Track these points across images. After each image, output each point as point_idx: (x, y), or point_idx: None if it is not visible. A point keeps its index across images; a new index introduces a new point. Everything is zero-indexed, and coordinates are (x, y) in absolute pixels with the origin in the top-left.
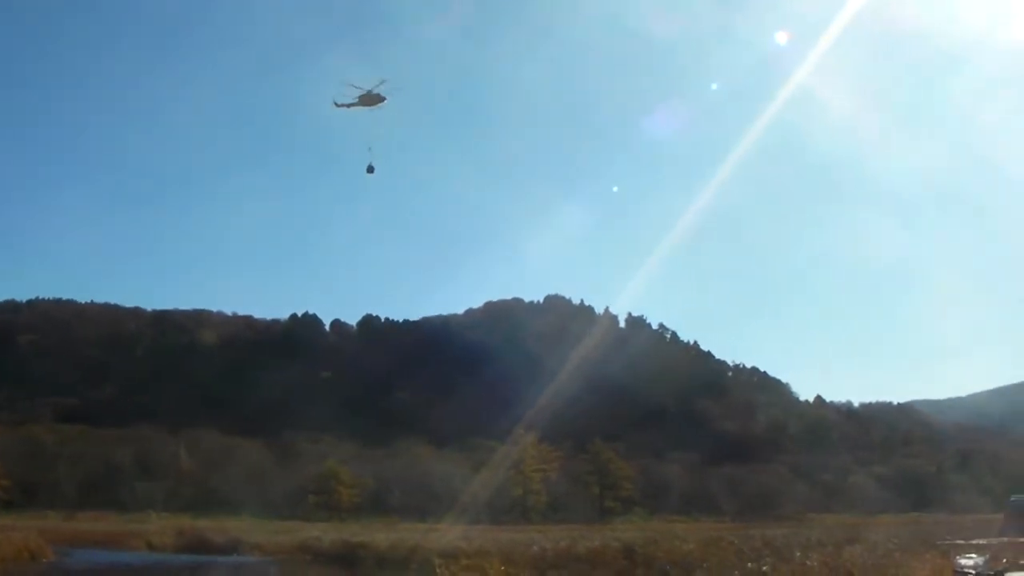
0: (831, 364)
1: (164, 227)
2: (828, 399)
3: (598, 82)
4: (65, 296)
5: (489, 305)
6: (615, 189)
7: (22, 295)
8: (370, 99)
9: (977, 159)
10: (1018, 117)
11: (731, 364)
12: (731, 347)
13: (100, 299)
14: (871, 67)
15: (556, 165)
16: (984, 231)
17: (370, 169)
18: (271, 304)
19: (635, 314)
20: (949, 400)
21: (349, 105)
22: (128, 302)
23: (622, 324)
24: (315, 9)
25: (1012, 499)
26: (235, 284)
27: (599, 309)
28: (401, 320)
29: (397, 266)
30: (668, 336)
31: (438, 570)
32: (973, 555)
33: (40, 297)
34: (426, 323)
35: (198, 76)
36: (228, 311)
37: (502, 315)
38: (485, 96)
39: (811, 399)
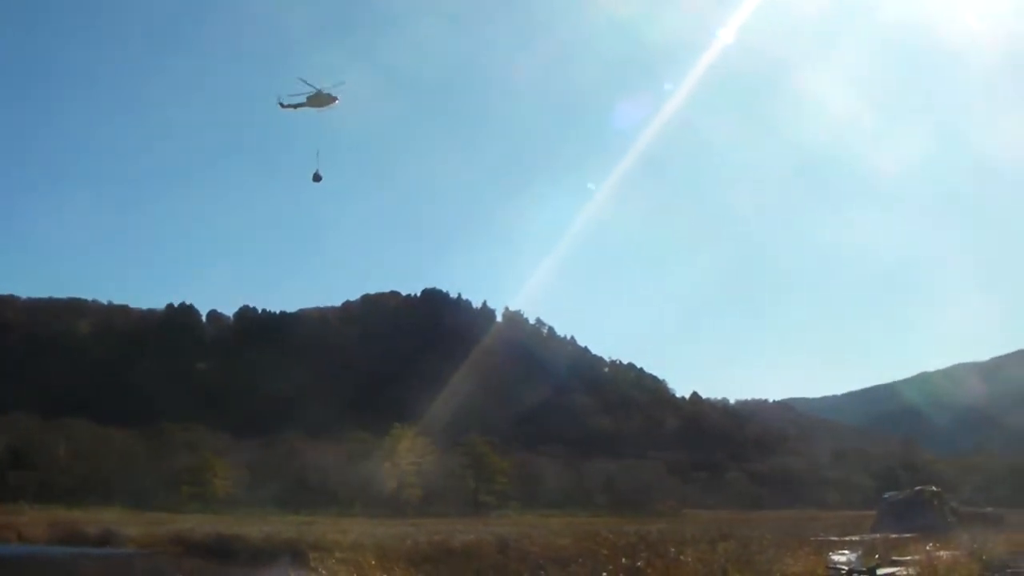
0: (708, 361)
1: (40, 214)
2: (704, 396)
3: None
4: None
5: (366, 298)
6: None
7: None
8: (320, 100)
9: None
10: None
11: (608, 360)
12: (609, 343)
13: None
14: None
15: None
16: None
17: (316, 177)
18: (149, 294)
19: (513, 309)
20: (824, 399)
21: (296, 106)
22: (1, 290)
23: (499, 318)
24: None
25: (885, 496)
26: (112, 273)
27: (477, 303)
28: (278, 312)
29: (275, 258)
30: (545, 331)
31: (312, 563)
32: (846, 551)
33: None
34: (304, 315)
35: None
36: (104, 300)
37: (379, 308)
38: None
39: (687, 396)
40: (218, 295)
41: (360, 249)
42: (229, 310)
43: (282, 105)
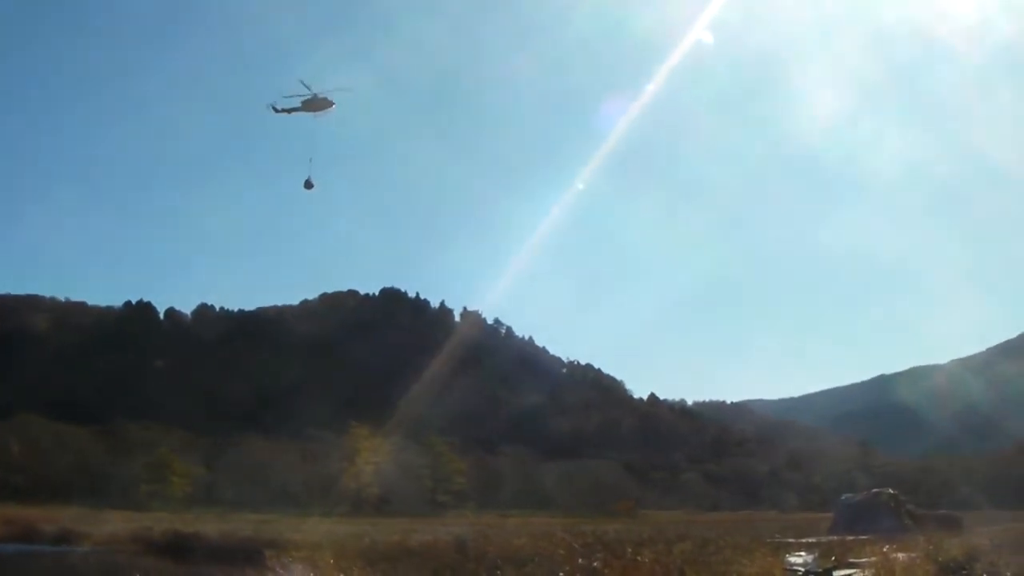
0: (666, 363)
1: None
2: (662, 397)
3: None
4: None
5: (325, 297)
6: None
7: None
8: (315, 104)
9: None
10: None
11: (566, 360)
12: (567, 344)
13: None
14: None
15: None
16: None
17: (308, 184)
18: (107, 291)
19: (471, 309)
20: (782, 400)
21: (291, 110)
22: None
23: (457, 319)
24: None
25: (842, 498)
26: (70, 270)
27: (435, 303)
28: (237, 310)
29: (233, 256)
30: (503, 331)
31: (269, 562)
32: (803, 553)
33: None
34: (261, 313)
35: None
36: (62, 297)
37: (337, 307)
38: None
39: (645, 397)
40: (176, 293)
41: (319, 248)
42: (187, 308)
43: (275, 109)
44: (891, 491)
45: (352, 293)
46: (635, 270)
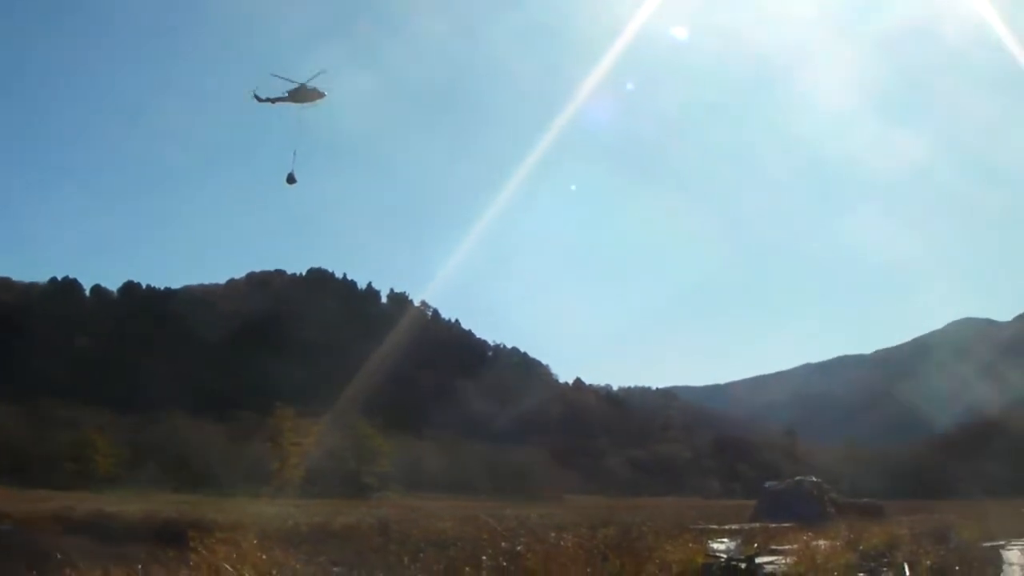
0: (593, 347)
1: None
2: (588, 382)
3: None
4: None
5: (251, 276)
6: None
7: None
8: (303, 95)
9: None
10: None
11: (492, 344)
12: (493, 327)
13: None
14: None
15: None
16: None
17: (291, 179)
18: (32, 267)
19: (398, 290)
20: (707, 388)
21: (275, 100)
22: None
23: (384, 300)
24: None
25: (766, 486)
26: None
27: (362, 284)
28: (163, 288)
29: (161, 232)
30: (430, 314)
31: (191, 543)
32: (726, 540)
33: None
34: (187, 292)
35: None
36: None
37: (264, 286)
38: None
39: (571, 381)
40: (103, 269)
41: (246, 227)
42: (113, 285)
43: (258, 99)
44: (814, 479)
45: (279, 273)
46: (563, 256)
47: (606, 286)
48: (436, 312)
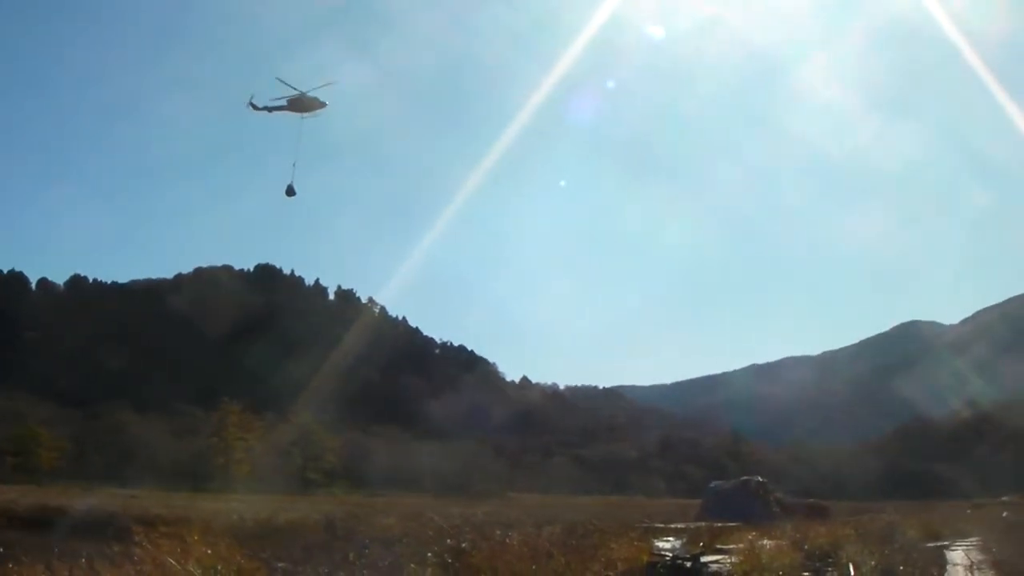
0: (540, 346)
1: None
2: (534, 380)
3: None
4: None
5: (199, 271)
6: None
7: None
8: (303, 104)
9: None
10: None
11: (439, 341)
12: (440, 326)
13: None
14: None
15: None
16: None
17: (290, 191)
18: None
19: (345, 287)
20: (654, 387)
21: (272, 109)
22: None
23: (332, 297)
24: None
25: (711, 485)
26: None
27: (309, 281)
28: (110, 282)
29: (107, 226)
30: (377, 311)
31: (136, 537)
32: (671, 538)
33: None
34: (135, 286)
35: None
36: None
37: (211, 282)
38: None
39: (517, 380)
40: (49, 263)
41: (194, 222)
42: (60, 279)
43: (255, 107)
44: (760, 479)
45: (227, 268)
46: (513, 255)
47: (554, 286)
48: (384, 309)
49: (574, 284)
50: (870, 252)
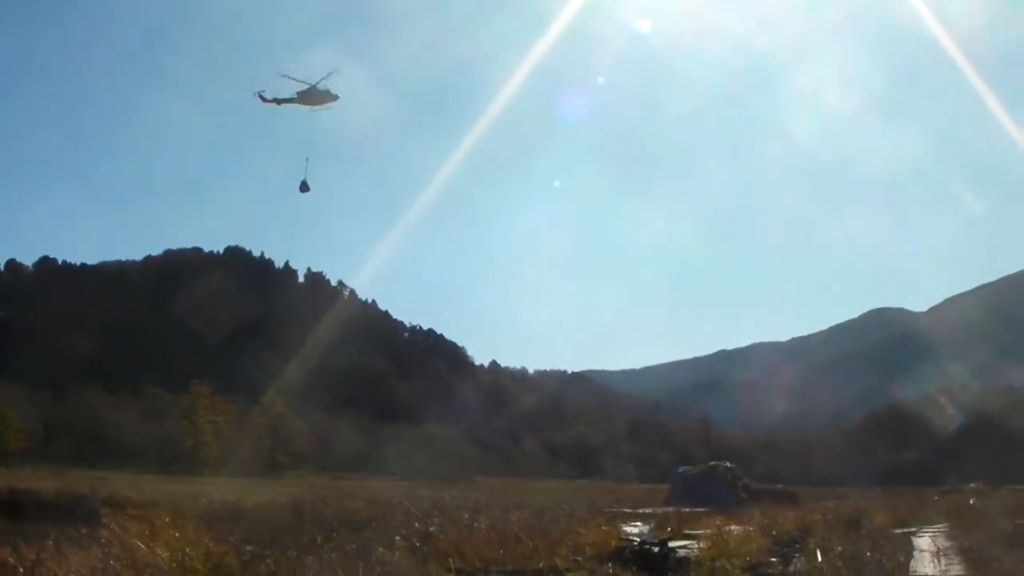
0: (508, 330)
1: None
2: (503, 364)
3: None
4: None
5: (169, 253)
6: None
7: None
8: (314, 97)
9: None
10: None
11: (408, 325)
12: (410, 308)
13: None
14: None
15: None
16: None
17: (304, 187)
18: None
19: (315, 270)
20: (623, 372)
21: (281, 101)
22: None
23: (301, 279)
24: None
25: (680, 470)
26: None
27: (279, 263)
28: (79, 264)
29: (77, 208)
30: (346, 293)
31: (104, 520)
32: (639, 523)
33: None
34: (104, 268)
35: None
36: None
37: (181, 264)
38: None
39: (486, 364)
40: (18, 244)
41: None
42: (29, 260)
43: (263, 99)
44: (728, 464)
45: (196, 250)
46: (482, 240)
47: (523, 271)
48: (353, 293)
49: (544, 270)
50: (841, 242)
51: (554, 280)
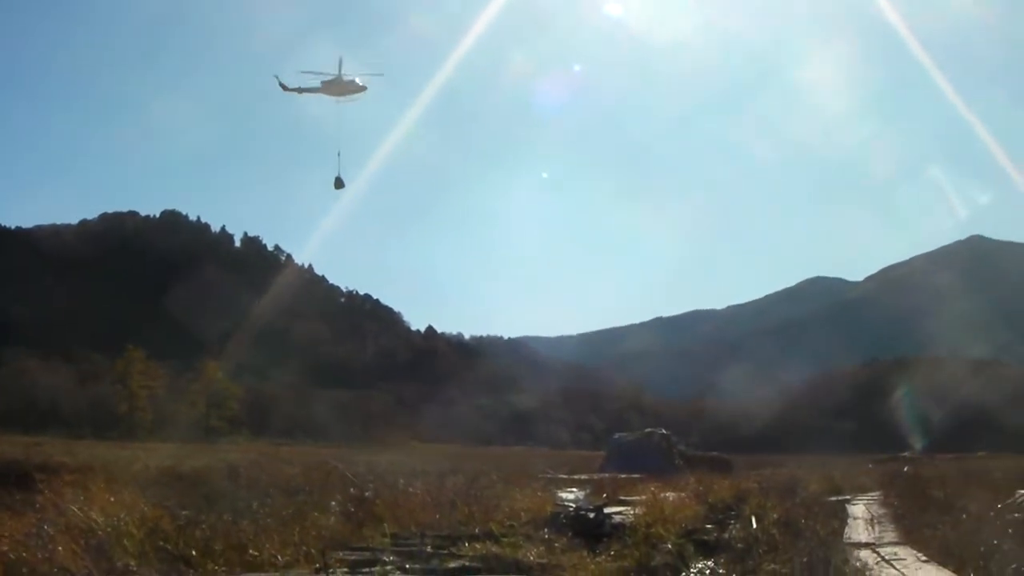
0: (444, 296)
1: None
2: (440, 330)
3: None
4: None
5: (105, 217)
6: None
7: None
8: (340, 87)
9: None
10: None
11: (344, 289)
12: (347, 273)
13: None
14: None
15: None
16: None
17: (339, 183)
18: None
19: (251, 234)
20: (560, 338)
21: (303, 90)
22: None
23: (237, 243)
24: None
25: (615, 437)
26: None
27: (216, 227)
28: (14, 227)
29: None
30: (283, 258)
31: (39, 486)
32: (574, 489)
33: None
34: (39, 232)
35: None
36: None
37: (117, 227)
38: None
39: (423, 329)
40: None
41: (102, 168)
42: None
43: (284, 87)
44: (663, 431)
45: (132, 214)
46: (423, 208)
47: (459, 235)
48: (290, 257)
49: (482, 235)
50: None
51: (492, 246)
